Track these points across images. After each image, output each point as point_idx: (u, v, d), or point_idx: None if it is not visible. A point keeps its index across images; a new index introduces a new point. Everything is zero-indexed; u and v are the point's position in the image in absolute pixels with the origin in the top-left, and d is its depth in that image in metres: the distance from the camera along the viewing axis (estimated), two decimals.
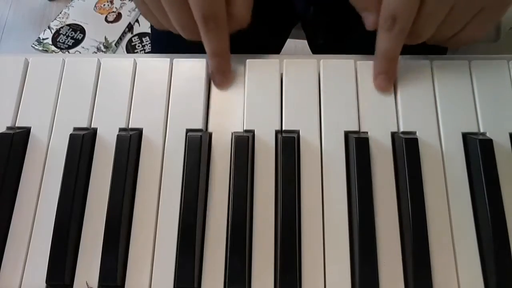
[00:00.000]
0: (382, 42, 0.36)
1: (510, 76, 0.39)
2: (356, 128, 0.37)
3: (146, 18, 0.40)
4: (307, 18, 0.63)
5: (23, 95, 0.39)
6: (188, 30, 0.37)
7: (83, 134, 0.36)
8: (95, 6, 1.56)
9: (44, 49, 1.47)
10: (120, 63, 0.40)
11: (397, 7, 0.34)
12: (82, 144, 0.36)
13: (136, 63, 0.40)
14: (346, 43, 0.58)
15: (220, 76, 0.38)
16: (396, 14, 0.34)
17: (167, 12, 0.36)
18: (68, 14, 1.54)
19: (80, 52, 1.45)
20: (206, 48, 0.37)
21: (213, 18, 0.35)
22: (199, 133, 0.37)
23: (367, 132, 0.37)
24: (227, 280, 0.33)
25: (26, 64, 0.40)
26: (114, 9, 1.55)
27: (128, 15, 1.53)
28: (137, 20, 1.54)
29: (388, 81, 0.37)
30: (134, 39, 1.51)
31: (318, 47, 0.65)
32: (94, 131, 0.38)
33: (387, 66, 0.37)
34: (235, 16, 0.37)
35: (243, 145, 0.36)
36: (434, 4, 0.34)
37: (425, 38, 0.37)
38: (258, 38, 0.59)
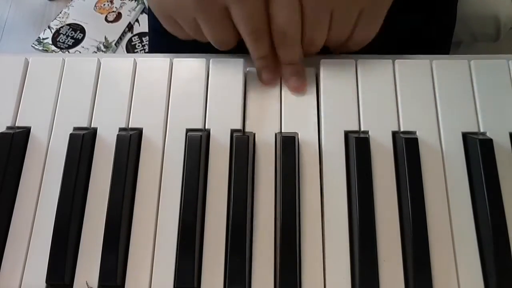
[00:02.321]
0: (281, 52, 0.38)
1: (510, 76, 0.39)
2: (356, 128, 0.37)
3: (172, 31, 0.41)
4: None
5: (23, 95, 0.39)
6: (227, 43, 0.39)
7: (83, 134, 0.36)
8: (95, 6, 1.56)
9: (44, 49, 1.47)
10: (120, 63, 0.40)
11: (282, 24, 0.36)
12: (82, 144, 0.36)
13: (136, 63, 0.40)
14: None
15: (267, 74, 0.39)
16: (283, 30, 0.37)
17: (202, 28, 0.38)
18: (68, 14, 1.54)
19: (80, 52, 1.45)
20: (253, 53, 0.39)
21: (259, 31, 0.37)
22: (199, 133, 0.37)
23: (367, 132, 0.37)
24: (227, 280, 0.33)
25: (26, 64, 0.40)
26: (114, 9, 1.54)
27: (128, 15, 1.53)
28: (137, 20, 1.54)
29: (300, 81, 0.39)
30: (134, 39, 1.51)
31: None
32: (94, 131, 0.38)
33: (293, 69, 0.39)
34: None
35: (243, 145, 0.36)
36: (312, 13, 0.36)
37: (319, 46, 0.39)
38: None
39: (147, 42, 1.50)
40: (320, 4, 0.36)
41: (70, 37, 1.49)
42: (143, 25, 1.52)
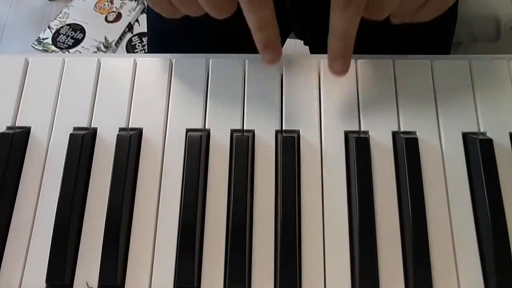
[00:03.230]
0: (337, 20, 0.32)
1: (510, 76, 0.39)
2: (356, 128, 0.37)
3: (160, 10, 0.36)
4: (304, 40, 0.64)
5: (23, 95, 0.39)
6: (223, 7, 0.33)
7: (83, 134, 0.36)
8: (95, 6, 1.56)
9: (44, 49, 1.47)
10: (120, 63, 0.40)
11: None
12: (82, 144, 0.36)
13: (136, 63, 0.40)
14: None
15: (271, 51, 0.34)
16: None
17: None
18: (68, 14, 1.54)
19: (80, 52, 1.45)
20: (251, 23, 0.33)
21: None
22: (199, 133, 0.37)
23: (367, 132, 0.37)
24: (227, 280, 0.33)
25: (26, 64, 0.40)
26: (114, 9, 1.55)
27: (128, 15, 1.53)
28: (137, 20, 1.54)
29: (346, 65, 0.34)
30: (134, 39, 1.51)
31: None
32: (94, 131, 0.38)
33: (344, 48, 0.33)
34: None
35: (243, 145, 0.36)
36: None
37: (387, 14, 0.33)
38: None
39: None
40: None
41: (70, 37, 1.49)
42: (143, 25, 1.52)
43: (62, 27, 1.51)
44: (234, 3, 0.32)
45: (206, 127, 0.38)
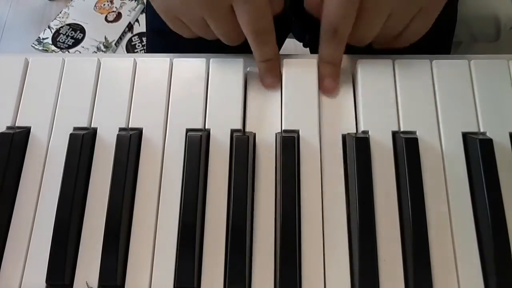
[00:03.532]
0: (325, 49, 0.38)
1: (510, 76, 0.39)
2: (356, 128, 0.37)
3: (177, 31, 0.41)
4: (303, 42, 0.64)
5: (23, 95, 0.39)
6: (234, 39, 0.39)
7: (83, 134, 0.36)
8: (95, 5, 1.56)
9: (44, 48, 1.47)
10: (120, 63, 0.40)
11: (336, 20, 0.36)
12: (82, 144, 0.36)
13: (136, 63, 0.40)
14: None
15: (271, 75, 0.39)
16: (335, 26, 0.36)
17: (211, 26, 0.38)
18: (68, 14, 1.54)
19: (80, 52, 1.45)
20: (257, 55, 0.38)
21: (264, 31, 0.37)
22: (199, 133, 0.37)
23: (367, 132, 0.37)
24: (227, 280, 0.33)
25: (26, 64, 0.40)
26: (114, 9, 1.54)
27: (128, 15, 1.53)
28: (137, 20, 1.54)
29: (335, 83, 0.38)
30: (134, 39, 1.51)
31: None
32: (94, 131, 0.38)
33: (331, 70, 0.38)
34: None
35: (243, 145, 0.36)
36: (371, 15, 0.35)
37: (367, 42, 0.38)
38: None
39: None
40: (381, 2, 0.35)
41: (70, 37, 1.49)
42: (143, 25, 1.52)
43: (62, 27, 1.51)
44: (243, 36, 0.37)
45: (206, 127, 0.38)
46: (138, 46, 1.49)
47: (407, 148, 0.35)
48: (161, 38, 0.61)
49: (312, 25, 0.60)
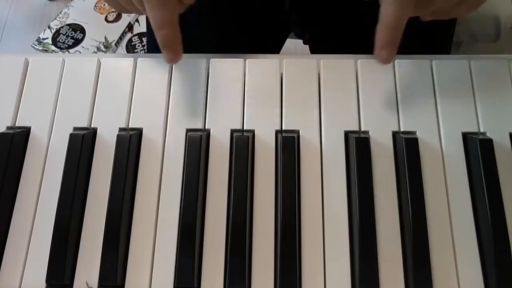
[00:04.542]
0: (391, 12, 0.33)
1: (510, 76, 0.39)
2: (356, 128, 0.37)
3: (120, 11, 0.40)
4: (304, 40, 0.64)
5: (23, 95, 0.39)
6: (133, 6, 0.37)
7: (83, 134, 0.36)
8: (95, 6, 1.56)
9: (44, 49, 1.47)
10: (120, 63, 0.40)
11: (395, 19, 0.33)
12: (82, 144, 0.36)
13: (136, 63, 0.40)
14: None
15: (168, 50, 0.36)
16: (395, 23, 0.33)
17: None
18: (68, 14, 1.54)
19: (80, 52, 1.45)
20: (151, 21, 0.36)
21: None
22: (199, 133, 0.37)
23: (367, 132, 0.37)
24: (227, 280, 0.33)
25: (26, 64, 0.40)
26: None
27: (128, 15, 1.53)
28: (137, 20, 1.54)
29: (392, 53, 0.35)
30: (134, 39, 1.51)
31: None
32: (94, 131, 0.38)
33: (393, 37, 0.34)
34: None
35: (243, 145, 0.36)
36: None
37: (432, 9, 0.35)
38: (257, 39, 0.60)
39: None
40: None
41: (70, 37, 1.49)
42: (143, 25, 1.52)
43: (62, 27, 1.51)
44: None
45: (206, 127, 0.38)
46: (138, 46, 1.49)
47: (407, 148, 0.35)
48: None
49: (312, 22, 0.60)
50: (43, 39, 1.49)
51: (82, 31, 1.50)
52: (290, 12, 0.59)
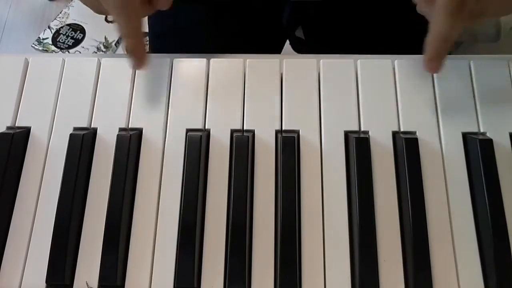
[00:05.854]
0: (443, 24, 0.33)
1: (510, 76, 0.39)
2: (356, 128, 0.37)
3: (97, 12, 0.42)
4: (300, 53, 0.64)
5: (23, 95, 0.39)
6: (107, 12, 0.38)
7: (83, 134, 0.36)
8: None
9: (44, 49, 1.47)
10: (120, 63, 0.40)
11: (444, 33, 0.33)
12: (82, 144, 0.36)
13: None
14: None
15: (134, 58, 0.38)
16: (445, 37, 0.33)
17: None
18: (68, 14, 1.54)
19: (80, 52, 1.45)
20: (119, 31, 0.37)
21: (121, 6, 0.36)
22: (199, 133, 0.37)
23: (367, 132, 0.37)
24: (227, 280, 0.33)
25: (26, 64, 0.40)
26: None
27: None
28: None
29: (441, 64, 0.35)
30: None
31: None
32: (94, 131, 0.38)
33: (443, 49, 0.34)
34: None
35: (243, 145, 0.36)
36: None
37: (485, 17, 0.34)
38: (257, 39, 0.59)
39: (147, 42, 1.50)
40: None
41: (70, 37, 1.49)
42: (143, 26, 1.52)
43: (62, 27, 1.51)
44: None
45: (206, 127, 0.38)
46: None
47: (407, 148, 0.35)
48: (162, 42, 0.61)
49: (312, 37, 0.60)
50: (43, 39, 1.50)
51: (82, 31, 1.50)
52: (287, 29, 0.58)
